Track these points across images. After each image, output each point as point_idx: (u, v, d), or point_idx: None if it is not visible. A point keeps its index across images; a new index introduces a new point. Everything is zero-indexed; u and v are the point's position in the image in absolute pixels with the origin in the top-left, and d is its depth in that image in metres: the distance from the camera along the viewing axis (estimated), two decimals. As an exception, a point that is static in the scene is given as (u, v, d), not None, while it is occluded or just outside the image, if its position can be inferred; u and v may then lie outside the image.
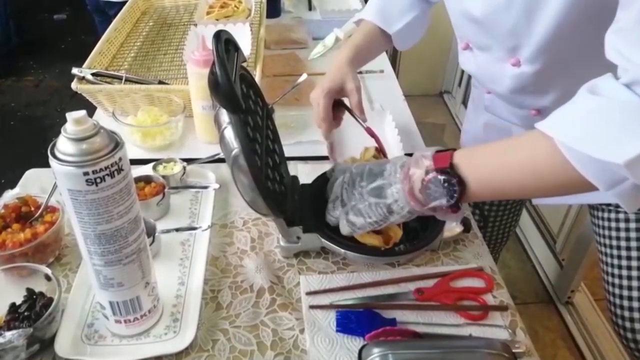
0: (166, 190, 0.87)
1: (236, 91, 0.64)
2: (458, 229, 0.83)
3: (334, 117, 0.90)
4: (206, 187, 0.93)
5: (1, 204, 0.81)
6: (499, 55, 0.80)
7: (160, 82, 1.17)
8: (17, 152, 2.54)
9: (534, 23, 0.71)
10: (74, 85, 1.08)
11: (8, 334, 0.61)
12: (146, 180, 0.88)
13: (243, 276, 0.78)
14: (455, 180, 0.59)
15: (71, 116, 0.52)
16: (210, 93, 0.64)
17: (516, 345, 0.68)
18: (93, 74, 1.11)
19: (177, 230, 0.83)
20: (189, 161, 0.96)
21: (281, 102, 1.15)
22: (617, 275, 0.90)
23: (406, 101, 1.25)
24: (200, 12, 1.40)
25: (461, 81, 2.86)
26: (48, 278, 0.69)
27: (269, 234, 0.86)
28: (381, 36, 0.96)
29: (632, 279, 0.88)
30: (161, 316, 0.71)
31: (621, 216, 0.89)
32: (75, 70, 1.11)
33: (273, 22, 1.65)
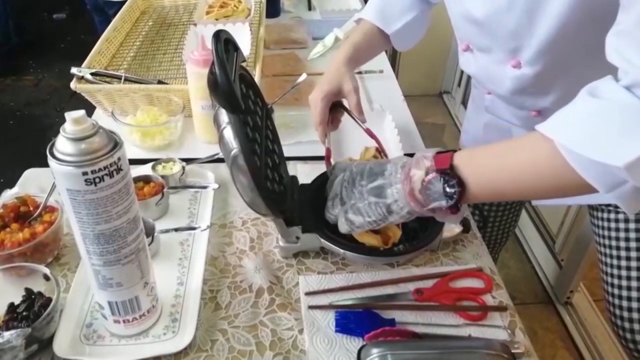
0: (165, 190, 0.87)
1: (235, 91, 0.63)
2: (457, 230, 0.83)
3: (333, 120, 0.89)
4: (205, 187, 0.93)
5: (0, 204, 0.80)
6: (500, 56, 0.80)
7: (159, 82, 1.17)
8: (16, 152, 2.53)
9: (535, 25, 0.71)
10: (73, 84, 1.08)
11: (6, 334, 0.61)
12: (145, 180, 0.88)
13: (242, 276, 0.78)
14: (455, 181, 0.59)
15: (70, 116, 0.52)
16: (209, 93, 0.64)
17: (515, 345, 0.68)
18: (92, 74, 1.11)
19: (176, 230, 0.83)
20: (188, 161, 0.96)
21: (281, 102, 1.15)
22: (617, 275, 0.90)
23: (406, 101, 1.25)
24: (199, 12, 1.40)
25: (461, 81, 2.86)
26: (47, 278, 0.69)
27: (268, 234, 0.86)
28: (380, 36, 0.96)
29: (632, 280, 0.88)
30: (160, 316, 0.71)
31: (621, 217, 0.89)
32: (74, 69, 1.10)
33: (273, 22, 1.65)
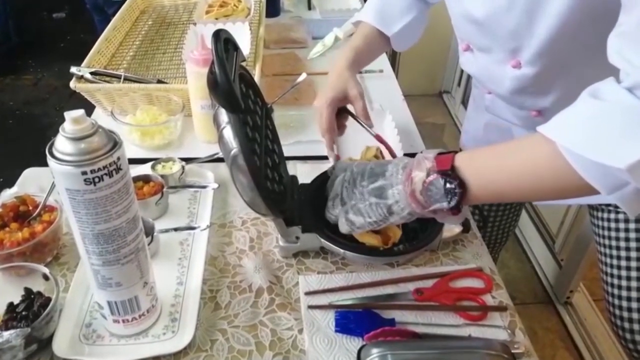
0: (165, 189, 0.87)
1: (235, 91, 0.63)
2: (457, 229, 0.83)
3: (338, 126, 0.89)
4: (205, 187, 0.92)
5: (-1, 203, 0.80)
6: (500, 56, 0.80)
7: (159, 81, 1.16)
8: (15, 151, 2.53)
9: (535, 25, 0.71)
10: (73, 84, 1.08)
11: (6, 334, 0.61)
12: (145, 179, 0.88)
13: (242, 276, 0.78)
14: (456, 182, 0.59)
15: (69, 115, 0.52)
16: (209, 92, 0.64)
17: (515, 345, 0.68)
18: (92, 73, 1.11)
19: (176, 229, 0.83)
20: (188, 160, 0.96)
21: (280, 102, 1.15)
22: (616, 275, 0.90)
23: (405, 101, 1.25)
24: (199, 11, 1.40)
25: (460, 81, 2.86)
26: (46, 277, 0.69)
27: (268, 234, 0.86)
28: (380, 38, 0.96)
29: (631, 280, 0.88)
30: (159, 316, 0.71)
31: (621, 217, 0.89)
32: (73, 69, 1.10)
33: (272, 22, 1.65)
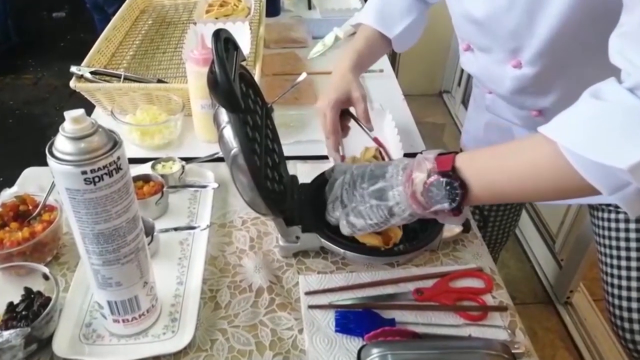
0: (165, 189, 0.87)
1: (235, 90, 0.63)
2: (457, 229, 0.83)
3: (342, 128, 0.89)
4: (205, 187, 0.92)
5: (-1, 203, 0.80)
6: (500, 56, 0.80)
7: (159, 81, 1.16)
8: (15, 150, 2.53)
9: (536, 25, 0.70)
10: (73, 83, 1.08)
11: (5, 334, 0.61)
12: (145, 179, 0.88)
13: (242, 276, 0.78)
14: (457, 183, 0.58)
15: (69, 115, 0.51)
16: (209, 92, 0.64)
17: (515, 345, 0.68)
18: (92, 73, 1.11)
19: (176, 229, 0.83)
20: (188, 160, 0.96)
21: (280, 101, 1.15)
22: (617, 275, 0.90)
23: (406, 101, 1.25)
24: (199, 11, 1.40)
25: (460, 81, 2.86)
26: (46, 277, 0.69)
27: (268, 234, 0.85)
28: (381, 40, 0.96)
29: (632, 280, 0.88)
30: (159, 316, 0.71)
31: (621, 217, 0.89)
32: (73, 68, 1.10)
33: (272, 21, 1.65)
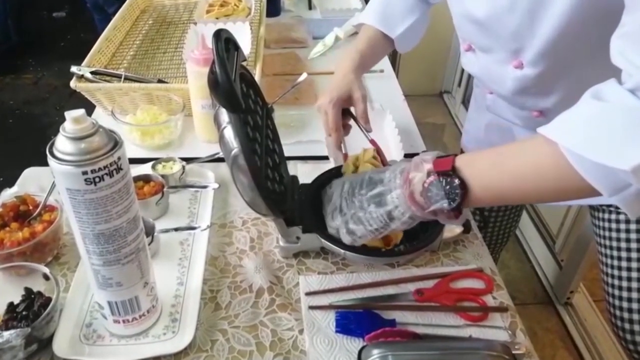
0: (165, 189, 0.87)
1: (236, 90, 0.63)
2: (458, 230, 0.83)
3: (344, 126, 0.89)
4: (205, 187, 0.92)
5: (-1, 203, 0.80)
6: (502, 57, 0.80)
7: (159, 81, 1.16)
8: (16, 151, 2.53)
9: (537, 26, 0.70)
10: (73, 83, 1.08)
11: (6, 334, 0.61)
12: (145, 179, 0.88)
13: (242, 276, 0.78)
14: (457, 183, 0.58)
15: (70, 115, 0.51)
16: (210, 92, 0.64)
17: (516, 346, 0.68)
18: (92, 73, 1.11)
19: (176, 229, 0.83)
20: (188, 160, 0.96)
21: (281, 102, 1.15)
22: (617, 276, 0.90)
23: (406, 101, 1.25)
24: (200, 11, 1.40)
25: (461, 81, 2.86)
26: (46, 277, 0.69)
27: (269, 234, 0.85)
28: (384, 40, 0.96)
29: (632, 280, 0.88)
30: (160, 316, 0.71)
31: (622, 217, 0.89)
32: (74, 68, 1.10)
33: (273, 21, 1.65)
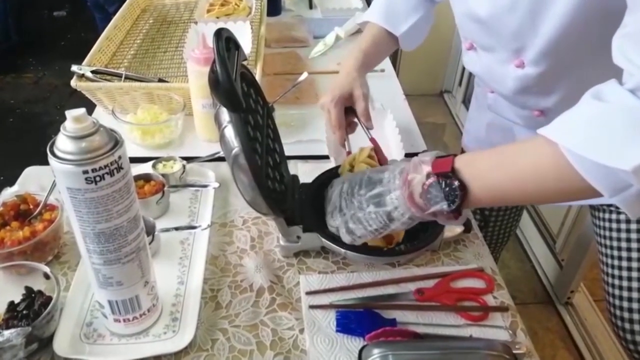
0: (166, 188, 0.87)
1: (237, 90, 0.63)
2: (459, 229, 0.82)
3: (348, 124, 0.89)
4: (206, 186, 0.92)
5: (0, 202, 0.80)
6: (503, 56, 0.80)
7: (160, 80, 1.16)
8: (16, 150, 2.53)
9: (539, 25, 0.70)
10: (74, 82, 1.08)
11: (6, 333, 0.61)
12: (146, 178, 0.88)
13: (243, 275, 0.78)
14: (456, 184, 0.58)
15: (71, 114, 0.51)
16: (210, 91, 0.64)
17: (517, 346, 0.68)
18: (93, 72, 1.11)
19: (177, 229, 0.83)
20: (189, 160, 0.96)
21: (281, 101, 1.15)
22: (617, 276, 0.90)
23: (407, 100, 1.25)
24: (200, 10, 1.40)
25: (461, 80, 2.86)
26: (47, 276, 0.69)
27: (269, 233, 0.85)
28: (388, 38, 0.96)
29: (632, 280, 0.88)
30: (160, 315, 0.71)
31: (622, 217, 0.89)
32: (74, 67, 1.10)
33: (273, 21, 1.65)
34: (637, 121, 0.48)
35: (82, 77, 1.10)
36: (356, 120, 0.91)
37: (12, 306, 0.67)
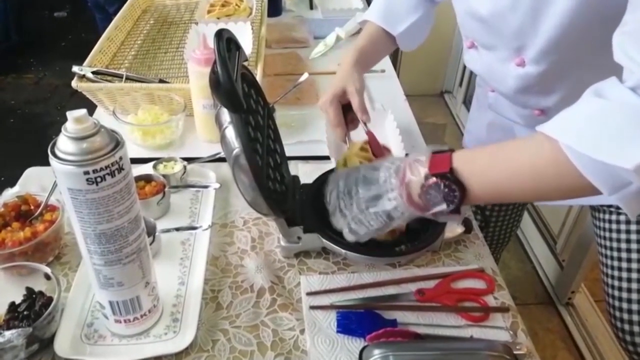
0: (166, 189, 0.87)
1: (237, 90, 0.63)
2: (459, 230, 0.82)
3: (351, 120, 0.89)
4: (207, 187, 0.92)
5: (1, 203, 0.80)
6: (504, 54, 0.80)
7: (160, 81, 1.16)
8: (17, 150, 2.53)
9: (540, 24, 0.70)
10: (74, 83, 1.08)
11: (7, 333, 0.61)
12: (146, 179, 0.88)
13: (243, 276, 0.78)
14: (456, 186, 0.58)
15: (72, 115, 0.51)
16: (211, 92, 0.64)
17: (517, 347, 0.68)
18: (93, 72, 1.11)
19: (178, 229, 0.83)
20: (190, 160, 0.96)
21: (282, 102, 1.15)
22: (617, 277, 0.90)
23: (407, 101, 1.25)
24: (201, 11, 1.40)
25: (462, 81, 2.86)
26: (48, 277, 0.69)
27: (270, 234, 0.85)
28: (386, 38, 0.96)
29: (632, 281, 0.88)
30: (161, 316, 0.71)
31: (622, 218, 0.88)
32: (75, 68, 1.10)
33: (274, 21, 1.65)
34: (638, 119, 0.48)
35: (83, 78, 1.10)
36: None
37: (13, 307, 0.67)
